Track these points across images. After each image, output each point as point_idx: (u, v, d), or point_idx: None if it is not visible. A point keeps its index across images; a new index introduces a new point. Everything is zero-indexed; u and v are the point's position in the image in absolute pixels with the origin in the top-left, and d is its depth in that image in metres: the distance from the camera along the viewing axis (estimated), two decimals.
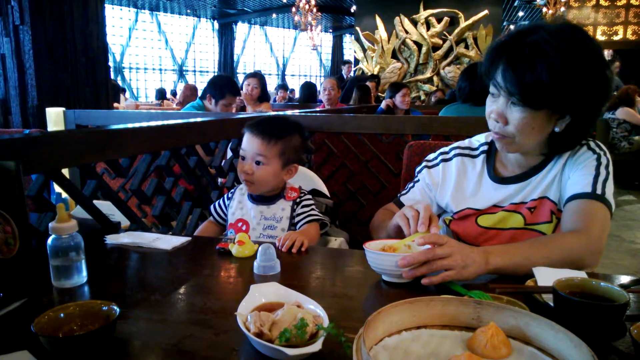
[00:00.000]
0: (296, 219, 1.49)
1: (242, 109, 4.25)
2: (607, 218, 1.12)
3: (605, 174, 1.16)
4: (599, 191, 1.13)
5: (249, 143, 1.47)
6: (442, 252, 0.94)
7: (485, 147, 1.35)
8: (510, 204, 1.25)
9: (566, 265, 1.00)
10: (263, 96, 4.25)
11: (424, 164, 1.42)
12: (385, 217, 1.32)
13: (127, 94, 13.18)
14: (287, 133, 1.50)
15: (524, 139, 1.14)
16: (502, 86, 1.10)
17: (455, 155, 1.37)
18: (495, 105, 1.15)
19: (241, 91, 4.13)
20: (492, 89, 1.15)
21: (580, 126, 1.15)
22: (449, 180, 1.35)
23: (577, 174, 1.18)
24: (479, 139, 1.39)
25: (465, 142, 1.40)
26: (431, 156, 1.43)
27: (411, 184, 1.43)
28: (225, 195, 1.63)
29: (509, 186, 1.26)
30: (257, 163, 1.46)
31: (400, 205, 1.40)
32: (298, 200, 1.52)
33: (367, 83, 6.23)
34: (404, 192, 1.44)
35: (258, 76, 4.25)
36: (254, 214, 1.52)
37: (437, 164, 1.39)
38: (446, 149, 1.41)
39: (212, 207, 1.63)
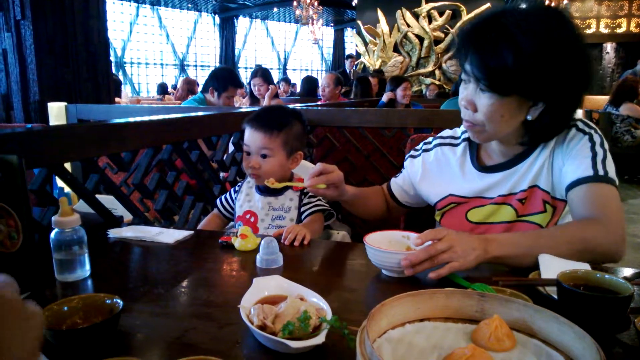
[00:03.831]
0: (302, 209, 1.50)
1: (254, 102, 4.24)
2: (618, 197, 1.07)
3: (602, 152, 1.10)
4: (601, 172, 1.07)
5: (252, 137, 1.48)
6: (443, 246, 0.94)
7: (467, 135, 1.31)
8: (499, 196, 1.21)
9: (584, 258, 0.96)
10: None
11: (410, 152, 1.44)
12: (371, 191, 1.46)
13: (128, 89, 13.17)
14: (287, 122, 1.50)
15: (494, 127, 1.10)
16: (469, 71, 1.06)
17: (436, 145, 1.37)
18: (466, 91, 1.11)
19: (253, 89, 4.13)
20: (462, 74, 1.11)
21: (556, 114, 1.08)
22: (428, 171, 1.35)
23: (572, 159, 1.11)
24: (463, 128, 1.37)
25: (449, 132, 1.38)
26: (419, 145, 1.43)
27: (402, 169, 1.45)
28: (233, 189, 1.63)
29: (494, 174, 1.22)
30: (263, 156, 1.47)
31: (389, 187, 1.46)
32: (305, 190, 1.52)
33: (370, 78, 6.16)
34: (397, 175, 1.46)
35: (259, 74, 4.23)
36: (261, 205, 1.52)
37: (418, 155, 1.40)
38: (430, 139, 1.40)
39: (218, 200, 1.64)
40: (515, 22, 1.00)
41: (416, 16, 10.46)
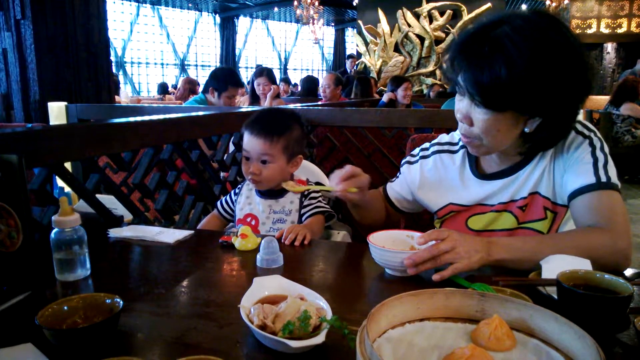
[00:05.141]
0: (302, 211, 1.49)
1: (255, 102, 4.24)
2: (622, 203, 1.05)
3: (603, 156, 1.08)
4: (603, 178, 1.05)
5: (252, 144, 1.46)
6: (445, 247, 0.94)
7: None
8: (500, 203, 1.20)
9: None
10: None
11: (407, 158, 1.40)
12: (373, 194, 1.37)
13: (129, 89, 13.17)
14: (287, 127, 1.49)
15: (491, 142, 1.07)
16: (462, 87, 1.03)
17: (434, 152, 1.33)
18: (461, 104, 1.08)
19: (255, 89, 4.13)
20: (457, 87, 1.07)
21: (555, 126, 1.06)
22: (427, 179, 1.32)
23: (573, 165, 1.09)
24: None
25: (446, 137, 1.35)
26: (415, 151, 1.39)
27: (398, 174, 1.42)
28: (233, 191, 1.63)
29: (494, 182, 1.20)
30: (263, 162, 1.46)
31: (385, 192, 1.42)
32: (306, 192, 1.52)
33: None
34: (392, 179, 1.43)
35: (264, 73, 4.23)
36: (262, 208, 1.52)
37: (416, 161, 1.36)
38: (427, 145, 1.37)
39: (218, 203, 1.63)
40: (507, 34, 0.96)
41: (417, 16, 10.45)
